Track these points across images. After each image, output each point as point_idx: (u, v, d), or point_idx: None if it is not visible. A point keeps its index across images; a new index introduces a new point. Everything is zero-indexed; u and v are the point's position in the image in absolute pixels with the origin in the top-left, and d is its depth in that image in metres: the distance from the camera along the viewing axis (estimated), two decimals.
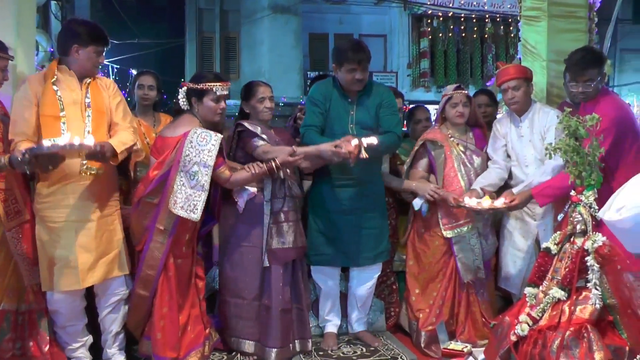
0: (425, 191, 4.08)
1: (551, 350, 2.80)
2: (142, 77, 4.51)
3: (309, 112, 3.98)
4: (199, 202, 3.42)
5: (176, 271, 3.59)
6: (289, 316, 3.86)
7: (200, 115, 3.62)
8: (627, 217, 1.74)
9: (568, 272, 2.98)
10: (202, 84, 3.59)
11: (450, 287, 4.14)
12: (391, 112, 3.99)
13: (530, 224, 4.06)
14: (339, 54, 3.91)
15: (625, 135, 3.67)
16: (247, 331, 3.88)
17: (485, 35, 14.21)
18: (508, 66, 4.13)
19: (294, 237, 3.86)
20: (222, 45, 13.68)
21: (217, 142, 3.47)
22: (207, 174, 3.43)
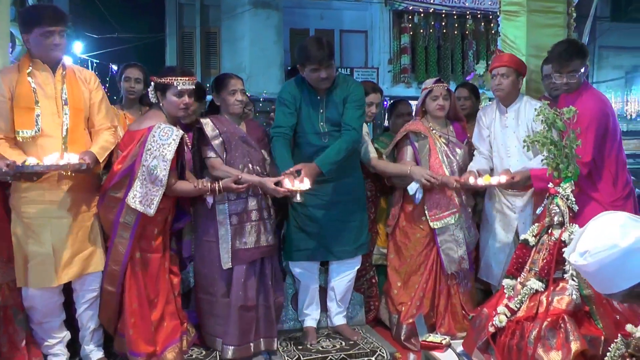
0: (421, 175, 4.04)
1: (529, 341, 2.82)
2: (128, 70, 4.45)
3: (278, 112, 3.96)
4: (156, 196, 3.40)
5: (145, 266, 3.56)
6: (250, 314, 3.81)
7: (165, 110, 3.58)
8: (591, 262, 1.76)
9: (545, 264, 3.00)
10: (164, 78, 3.53)
11: (431, 279, 4.17)
12: (354, 106, 3.91)
13: (510, 217, 4.08)
14: (300, 54, 3.85)
15: (608, 129, 3.72)
16: (217, 329, 3.85)
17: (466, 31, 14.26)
18: (504, 54, 4.15)
19: (257, 236, 3.82)
20: (202, 41, 13.60)
21: (178, 138, 3.43)
22: (165, 168, 3.39)
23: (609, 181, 3.77)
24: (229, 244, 3.76)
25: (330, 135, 3.92)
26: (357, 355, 3.86)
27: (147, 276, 3.58)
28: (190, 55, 13.71)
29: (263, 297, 3.89)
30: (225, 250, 3.77)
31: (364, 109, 4.03)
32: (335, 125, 3.92)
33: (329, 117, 3.94)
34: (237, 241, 3.77)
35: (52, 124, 3.33)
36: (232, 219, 3.78)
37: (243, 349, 3.79)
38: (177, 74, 3.55)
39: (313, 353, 3.87)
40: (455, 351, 3.26)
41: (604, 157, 3.75)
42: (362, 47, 13.77)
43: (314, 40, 3.87)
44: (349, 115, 3.91)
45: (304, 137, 3.97)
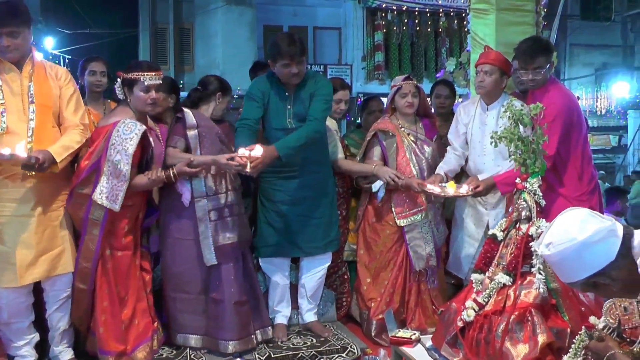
0: (385, 174, 4.08)
1: (496, 334, 2.85)
2: (93, 64, 4.38)
3: (246, 106, 3.95)
4: (121, 191, 3.37)
5: (115, 264, 3.52)
6: (245, 307, 3.82)
7: (132, 105, 3.55)
8: (554, 253, 1.92)
9: (513, 258, 3.03)
10: (131, 74, 3.50)
11: (400, 275, 4.18)
12: (320, 100, 3.90)
13: (482, 213, 4.11)
14: (272, 49, 3.85)
15: (573, 124, 3.78)
16: (194, 325, 3.82)
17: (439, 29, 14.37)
18: (492, 51, 4.13)
19: (239, 230, 3.82)
20: (176, 37, 13.50)
21: (140, 132, 3.40)
22: (127, 162, 3.36)
23: (574, 176, 3.83)
24: (211, 240, 3.73)
25: None
26: (327, 352, 3.86)
27: (118, 273, 3.54)
28: (164, 51, 13.61)
29: (251, 289, 3.91)
30: (208, 246, 3.73)
31: (330, 104, 4.04)
32: (303, 122, 3.91)
33: (297, 113, 3.93)
34: (220, 237, 3.75)
35: (17, 121, 3.27)
36: (211, 214, 3.75)
37: (245, 342, 3.79)
38: (144, 69, 3.52)
39: (284, 350, 3.86)
40: (425, 346, 3.28)
41: (569, 152, 3.82)
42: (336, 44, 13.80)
43: (286, 36, 3.89)
44: (313, 106, 3.90)
45: (271, 133, 3.96)
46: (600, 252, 1.88)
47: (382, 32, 13.84)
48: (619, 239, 1.89)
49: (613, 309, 2.34)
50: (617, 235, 1.89)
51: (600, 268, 1.87)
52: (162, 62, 13.09)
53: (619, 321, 2.30)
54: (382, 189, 4.13)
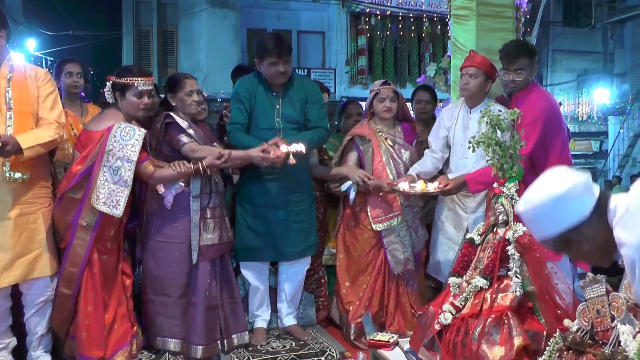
0: (355, 174, 4.10)
1: (473, 337, 2.87)
2: (68, 65, 4.33)
3: (234, 109, 3.95)
4: (122, 197, 3.36)
5: (101, 268, 3.50)
6: (216, 312, 3.81)
7: (124, 110, 3.54)
8: (529, 209, 1.92)
9: (490, 262, 3.05)
10: (124, 79, 3.50)
11: (379, 279, 4.19)
12: (319, 106, 4.00)
13: (461, 216, 4.13)
14: (259, 48, 3.87)
15: (553, 128, 3.82)
16: (173, 330, 3.81)
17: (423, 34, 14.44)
18: (477, 55, 4.16)
19: (220, 232, 3.82)
20: (159, 39, 13.46)
21: (141, 137, 3.41)
22: (130, 169, 3.36)
23: None
24: (196, 242, 3.73)
25: (285, 132, 3.92)
26: (306, 356, 3.85)
27: (103, 278, 3.52)
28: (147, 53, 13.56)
29: (229, 293, 3.89)
30: (195, 247, 3.74)
31: (326, 109, 4.10)
32: (291, 122, 3.94)
33: (285, 114, 3.95)
34: (202, 237, 3.75)
35: None
36: (196, 215, 3.75)
37: (211, 347, 3.78)
38: (136, 75, 3.52)
39: (263, 354, 3.86)
40: (403, 349, 3.29)
41: (548, 156, 3.85)
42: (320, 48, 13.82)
43: (272, 35, 3.95)
44: (315, 114, 3.98)
45: (258, 133, 3.94)
46: (575, 207, 1.86)
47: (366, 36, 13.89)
48: (594, 197, 1.88)
49: (586, 312, 2.37)
50: (593, 193, 1.89)
51: (574, 223, 1.85)
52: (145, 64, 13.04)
53: (591, 324, 2.33)
54: (352, 190, 4.14)
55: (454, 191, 3.87)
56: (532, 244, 2.99)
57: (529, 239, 2.99)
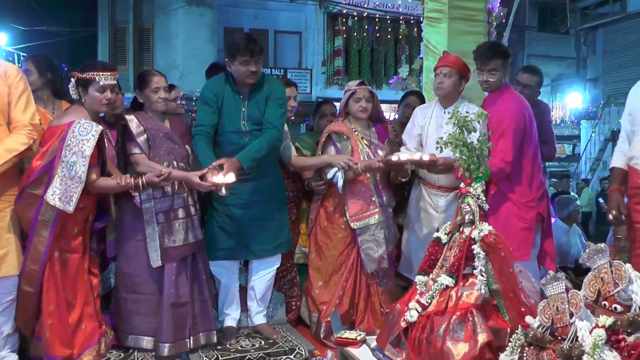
0: (339, 160, 4.11)
1: (438, 334, 2.90)
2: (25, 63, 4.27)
3: (200, 111, 3.95)
4: (75, 193, 3.33)
5: (63, 266, 3.47)
6: (184, 310, 3.80)
7: (87, 105, 3.52)
8: None
9: (456, 260, 3.09)
10: (86, 73, 3.47)
11: (351, 277, 4.22)
12: (276, 105, 3.97)
13: (432, 216, 4.16)
14: (231, 47, 3.86)
15: (525, 130, 3.88)
16: (145, 327, 3.80)
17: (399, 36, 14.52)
18: (451, 55, 4.18)
19: (185, 234, 3.82)
20: (135, 36, 13.36)
21: (97, 133, 3.38)
22: (84, 164, 3.33)
23: (524, 182, 3.93)
24: (157, 242, 3.74)
25: (252, 134, 3.93)
26: (275, 354, 3.86)
27: (66, 276, 3.48)
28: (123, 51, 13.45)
29: (198, 291, 3.89)
30: (154, 248, 3.74)
31: (285, 108, 4.08)
32: (257, 124, 3.94)
33: (251, 116, 3.95)
34: (166, 239, 3.75)
35: None
36: (158, 217, 3.76)
37: (178, 345, 3.77)
38: (99, 69, 3.49)
39: (232, 353, 3.86)
40: (370, 346, 3.32)
41: (521, 159, 3.91)
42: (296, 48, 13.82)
43: (244, 34, 3.93)
44: (270, 113, 3.94)
45: (225, 135, 3.96)
46: None
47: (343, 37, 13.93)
48: None
49: (547, 309, 2.42)
50: None
51: None
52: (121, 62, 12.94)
53: (552, 320, 2.38)
54: (339, 178, 4.14)
55: (442, 169, 3.90)
56: (497, 243, 3.04)
57: (495, 238, 3.04)
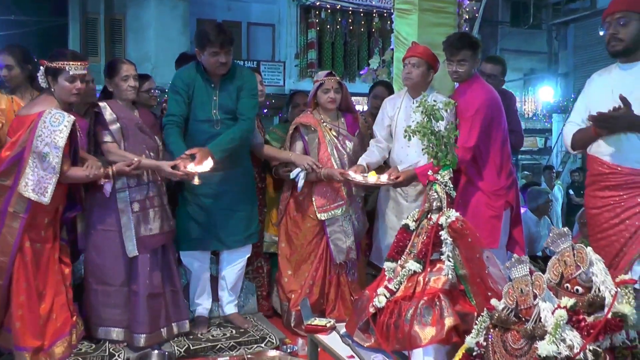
0: (303, 161, 4.14)
1: (405, 319, 2.92)
2: None
3: (171, 100, 3.94)
4: (50, 184, 3.32)
5: (34, 257, 3.44)
6: (158, 300, 3.81)
7: (56, 95, 3.47)
8: None
9: (423, 246, 3.11)
10: (56, 63, 3.43)
11: (321, 267, 4.25)
12: (248, 95, 3.99)
13: (403, 205, 4.20)
14: (201, 37, 3.85)
15: (494, 119, 3.93)
16: (116, 319, 3.80)
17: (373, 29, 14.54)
18: (419, 45, 4.20)
19: (161, 222, 3.82)
20: (107, 28, 13.18)
21: (69, 124, 3.35)
22: (57, 155, 3.31)
23: (493, 171, 3.98)
24: (133, 232, 3.72)
25: (223, 123, 3.94)
26: (247, 342, 3.89)
27: (37, 267, 3.45)
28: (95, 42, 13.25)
29: (169, 282, 3.89)
30: (129, 238, 3.73)
31: (257, 98, 4.10)
32: (228, 113, 3.94)
33: (222, 105, 3.95)
34: (141, 228, 3.74)
35: None
36: (133, 206, 3.74)
37: (154, 335, 3.78)
38: (69, 59, 3.45)
39: (203, 342, 3.88)
40: (339, 333, 3.34)
41: (489, 148, 3.96)
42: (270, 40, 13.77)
43: (215, 24, 3.92)
44: (243, 104, 3.95)
45: (196, 124, 3.96)
46: None
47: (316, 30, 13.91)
48: None
49: (511, 292, 2.46)
50: None
51: None
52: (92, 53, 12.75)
53: (516, 302, 2.42)
54: (300, 178, 4.17)
55: (405, 183, 3.94)
56: (464, 229, 3.07)
57: (462, 225, 3.08)
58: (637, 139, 3.03)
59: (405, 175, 3.89)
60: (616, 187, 3.13)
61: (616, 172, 3.12)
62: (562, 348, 2.15)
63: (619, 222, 3.12)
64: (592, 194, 3.26)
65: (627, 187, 3.09)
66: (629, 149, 3.07)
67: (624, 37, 3.07)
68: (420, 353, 2.88)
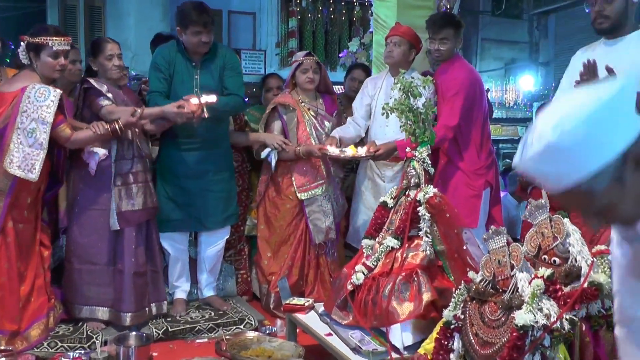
0: (273, 141, 4.13)
1: (383, 295, 2.91)
2: None
3: (153, 78, 3.91)
4: (37, 161, 3.25)
5: (16, 238, 3.37)
6: (143, 279, 3.77)
7: (39, 71, 3.40)
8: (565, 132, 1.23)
9: (401, 222, 3.10)
10: (38, 38, 3.36)
11: (300, 248, 4.23)
12: (235, 73, 3.98)
13: (380, 185, 4.19)
14: (182, 16, 3.81)
15: (475, 99, 3.94)
16: (101, 297, 3.74)
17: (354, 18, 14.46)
18: (402, 25, 4.19)
19: (144, 198, 3.76)
20: (86, 15, 12.95)
21: (57, 98, 3.29)
22: (45, 131, 3.25)
23: (473, 150, 3.99)
24: (114, 205, 3.67)
25: None
26: (225, 324, 3.86)
27: (19, 248, 3.39)
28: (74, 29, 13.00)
29: (150, 261, 3.85)
30: (111, 212, 3.67)
31: (242, 76, 4.08)
32: (209, 92, 3.90)
33: (204, 84, 3.92)
34: (123, 202, 3.68)
35: None
36: (116, 180, 3.68)
37: (140, 314, 3.75)
38: (52, 34, 3.38)
39: (181, 324, 3.84)
40: (317, 312, 3.32)
41: (470, 127, 3.96)
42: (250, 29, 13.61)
43: (196, 4, 3.87)
44: (232, 82, 3.96)
45: None
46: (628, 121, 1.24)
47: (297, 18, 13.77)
48: None
49: (489, 263, 2.45)
50: None
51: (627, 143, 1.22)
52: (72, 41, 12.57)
53: (493, 274, 2.41)
54: (272, 157, 4.16)
55: (384, 156, 3.91)
56: (442, 204, 3.06)
57: (439, 200, 3.06)
58: None
59: (385, 148, 3.86)
60: None
61: None
62: (539, 317, 2.15)
63: None
64: None
65: None
66: None
67: (610, 13, 3.08)
68: (398, 329, 2.88)
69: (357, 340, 2.90)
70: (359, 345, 2.86)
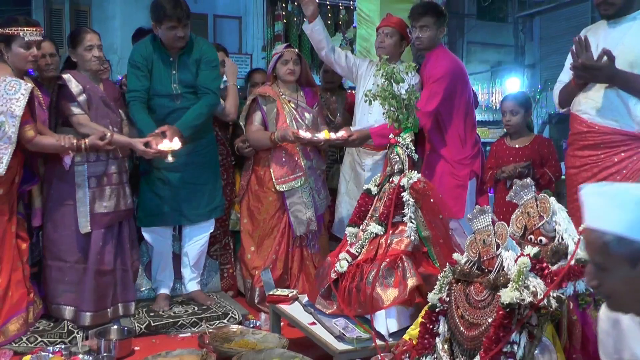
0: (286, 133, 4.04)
1: (367, 281, 2.86)
2: None
3: (131, 76, 3.86)
4: (6, 154, 3.19)
5: None
6: (107, 278, 3.69)
7: (10, 63, 3.34)
8: None
9: (385, 208, 3.06)
10: (8, 29, 3.30)
11: (283, 242, 4.17)
12: (209, 67, 3.92)
13: (361, 175, 4.17)
14: (157, 11, 3.75)
15: (457, 88, 3.93)
16: (68, 297, 3.65)
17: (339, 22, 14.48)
18: (394, 16, 4.19)
19: (117, 200, 3.70)
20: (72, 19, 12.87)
21: (27, 92, 3.23)
22: (14, 125, 3.19)
23: (456, 140, 3.98)
24: (87, 208, 3.60)
25: (183, 97, 3.88)
26: (209, 319, 3.79)
27: None
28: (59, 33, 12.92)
29: (120, 260, 3.76)
30: (83, 214, 3.60)
31: (218, 71, 4.03)
32: (188, 87, 3.88)
33: (182, 79, 3.88)
34: (96, 205, 3.61)
35: None
36: (90, 181, 3.62)
37: (100, 315, 3.65)
38: (22, 24, 3.33)
39: (164, 318, 3.77)
40: (301, 303, 3.26)
41: (452, 116, 3.95)
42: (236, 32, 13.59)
43: None
44: (205, 77, 3.89)
45: (156, 99, 3.89)
46: None
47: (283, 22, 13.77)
48: None
49: (474, 244, 2.40)
50: None
51: None
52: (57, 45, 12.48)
53: (479, 254, 2.36)
54: None
55: (357, 142, 3.90)
56: (426, 189, 3.02)
57: (424, 185, 3.02)
58: (615, 97, 3.07)
59: (358, 134, 3.84)
60: (594, 146, 3.15)
61: (594, 130, 3.15)
62: (525, 295, 2.09)
63: (595, 182, 3.11)
64: (572, 153, 3.29)
65: (604, 147, 3.13)
66: (607, 108, 3.10)
67: (615, 0, 3.07)
68: (382, 316, 2.82)
69: (341, 328, 2.85)
70: (343, 332, 2.81)
